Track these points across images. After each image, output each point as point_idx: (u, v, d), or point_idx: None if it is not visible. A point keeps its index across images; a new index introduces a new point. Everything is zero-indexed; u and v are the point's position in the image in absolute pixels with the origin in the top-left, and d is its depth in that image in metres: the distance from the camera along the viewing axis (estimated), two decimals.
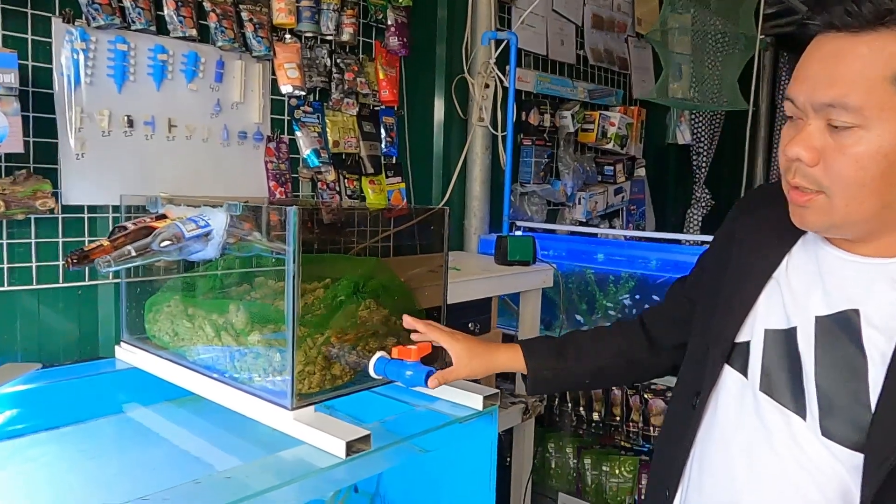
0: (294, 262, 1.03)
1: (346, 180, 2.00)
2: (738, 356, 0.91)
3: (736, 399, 0.90)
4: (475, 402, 1.23)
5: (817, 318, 0.83)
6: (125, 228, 1.17)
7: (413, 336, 1.17)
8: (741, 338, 0.92)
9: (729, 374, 0.92)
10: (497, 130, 2.41)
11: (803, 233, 0.89)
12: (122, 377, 1.45)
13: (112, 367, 1.48)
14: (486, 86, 2.34)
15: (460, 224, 2.48)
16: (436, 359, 1.21)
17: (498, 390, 1.26)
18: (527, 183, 2.65)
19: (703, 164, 3.88)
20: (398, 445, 1.09)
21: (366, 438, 1.02)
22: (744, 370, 0.91)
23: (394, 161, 2.15)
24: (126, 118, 1.52)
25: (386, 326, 1.24)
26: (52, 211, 1.37)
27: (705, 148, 3.85)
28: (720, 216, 1.13)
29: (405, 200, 2.21)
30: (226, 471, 0.94)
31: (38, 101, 1.39)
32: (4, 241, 1.38)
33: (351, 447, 1.00)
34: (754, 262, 0.93)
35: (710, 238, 1.11)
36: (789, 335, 0.86)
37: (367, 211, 2.08)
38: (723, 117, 3.92)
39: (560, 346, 1.17)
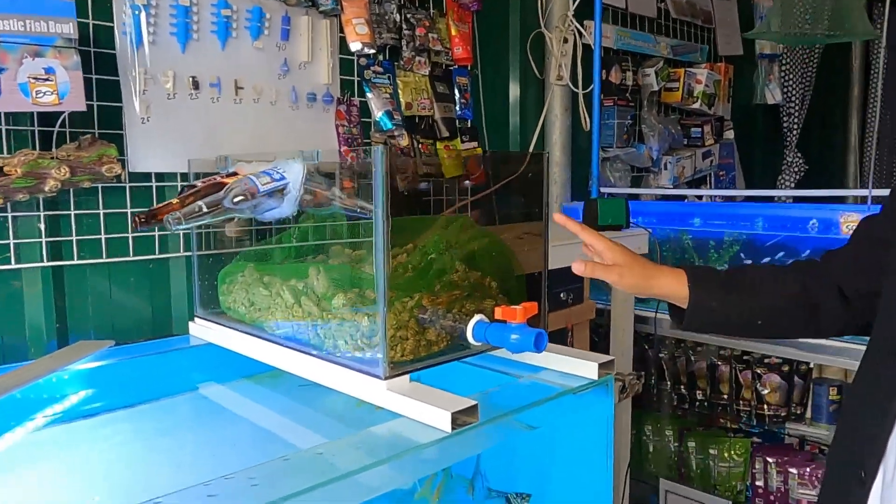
0: (382, 207, 0.90)
1: (419, 145, 1.87)
2: None
3: None
4: (588, 370, 1.07)
5: None
6: (195, 187, 1.07)
7: (570, 228, 1.05)
8: None
9: None
10: (578, 89, 2.23)
11: None
12: (197, 353, 1.36)
13: (186, 344, 1.40)
14: (565, 40, 2.17)
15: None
16: (541, 319, 1.07)
17: (613, 357, 1.10)
18: (609, 147, 2.46)
19: (795, 126, 3.57)
20: (504, 420, 0.95)
21: (472, 410, 0.88)
22: None
23: (469, 124, 2.01)
24: (191, 80, 1.42)
25: (483, 287, 1.10)
26: (118, 178, 1.29)
27: (796, 108, 3.54)
28: (813, 183, 0.95)
29: (482, 167, 2.06)
30: (315, 447, 0.82)
31: (100, 61, 1.31)
32: (72, 212, 1.31)
33: (457, 419, 0.86)
34: None
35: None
36: None
37: (442, 178, 1.95)
38: (815, 74, 3.60)
39: (730, 277, 1.00)
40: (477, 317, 1.03)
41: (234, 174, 1.11)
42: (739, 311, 0.97)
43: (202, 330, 1.37)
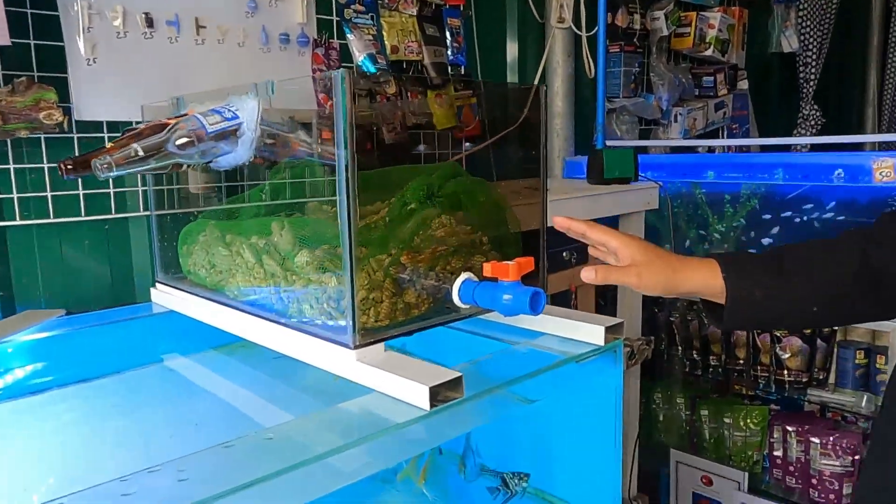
0: (345, 141, 0.75)
1: (408, 93, 1.71)
2: None
3: None
4: (594, 335, 0.93)
5: None
6: (135, 129, 0.92)
7: (574, 232, 0.90)
8: None
9: None
10: (581, 32, 2.05)
11: None
12: (159, 322, 1.23)
13: (148, 312, 1.26)
14: None
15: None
16: (539, 277, 0.92)
17: (622, 320, 0.96)
18: (615, 97, 2.29)
19: (812, 77, 3.38)
20: (496, 393, 0.81)
21: (456, 383, 0.74)
22: None
23: (462, 71, 1.84)
24: (144, 16, 1.26)
25: (472, 242, 0.96)
26: (61, 126, 1.14)
27: (814, 57, 3.34)
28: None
29: (477, 118, 1.90)
30: (265, 431, 0.69)
31: None
32: (11, 166, 1.16)
33: (436, 394, 0.72)
34: None
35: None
36: None
37: (433, 130, 1.79)
38: (833, 21, 3.39)
39: (773, 259, 0.82)
40: (464, 275, 0.89)
41: (185, 115, 0.96)
42: (790, 300, 0.80)
43: (164, 297, 1.23)
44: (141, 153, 0.84)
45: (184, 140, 0.87)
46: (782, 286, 0.79)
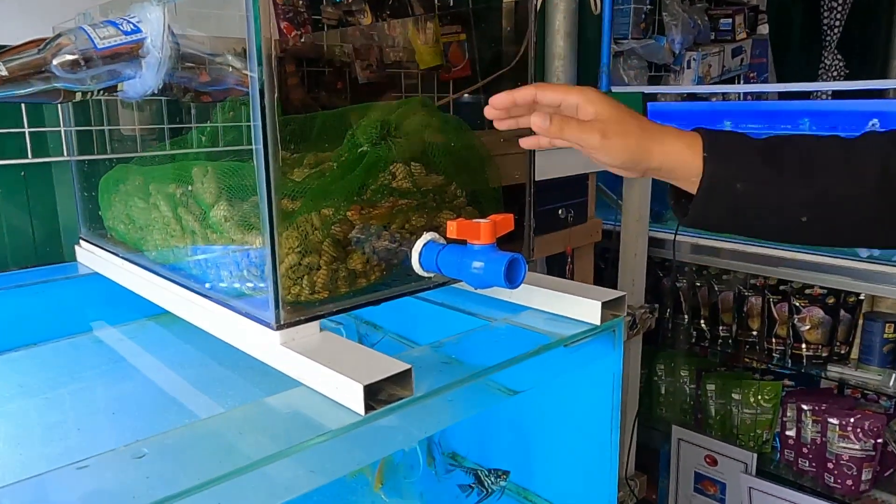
0: (258, 60, 0.56)
1: (387, 26, 1.49)
2: None
3: None
4: (589, 312, 0.75)
5: None
6: (9, 47, 0.72)
7: (521, 106, 0.70)
8: None
9: None
10: None
11: None
12: (82, 286, 1.06)
13: (74, 273, 1.09)
14: None
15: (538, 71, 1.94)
16: (522, 239, 0.74)
17: (624, 293, 0.78)
18: (623, 39, 2.06)
19: (837, 24, 3.12)
20: (466, 386, 0.64)
21: (403, 377, 0.57)
22: None
23: (451, 2, 1.62)
24: None
25: (442, 195, 0.77)
26: None
27: (840, 1, 3.08)
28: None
29: (467, 57, 1.68)
30: (140, 443, 0.51)
31: None
32: None
33: (375, 393, 0.55)
34: None
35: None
36: None
37: (416, 69, 1.58)
38: None
39: (770, 147, 0.64)
40: (427, 236, 0.71)
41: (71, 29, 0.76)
42: (777, 199, 0.63)
43: (88, 256, 1.06)
44: (4, 73, 0.65)
45: (67, 58, 0.68)
46: (772, 180, 0.62)
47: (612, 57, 2.06)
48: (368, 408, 0.54)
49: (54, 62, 0.67)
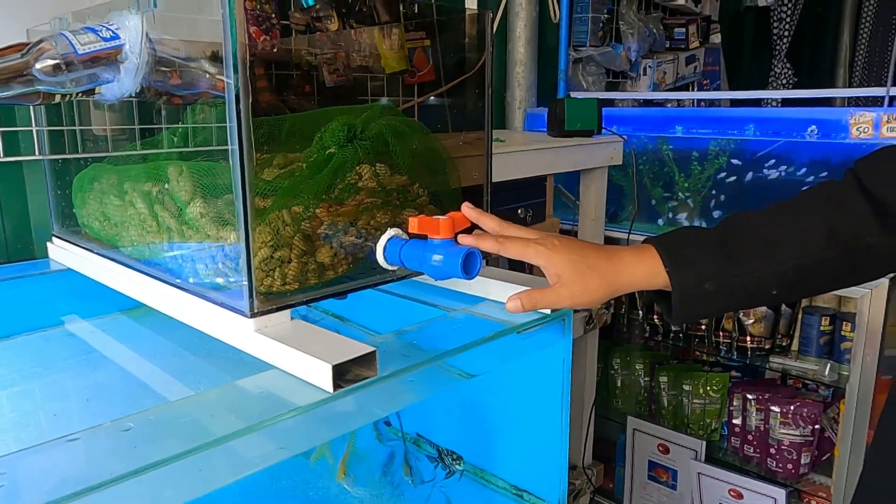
0: (234, 64, 0.61)
1: (352, 31, 1.54)
2: None
3: None
4: None
5: None
6: None
7: (484, 246, 0.74)
8: None
9: None
10: None
11: None
12: (57, 281, 1.08)
13: (46, 269, 1.11)
14: None
15: (501, 97, 2.01)
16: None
17: None
18: (582, 46, 2.15)
19: (786, 33, 3.27)
20: (426, 368, 0.69)
21: (368, 359, 0.62)
22: None
23: (416, 9, 1.67)
24: None
25: (405, 195, 0.82)
26: None
27: (788, 12, 3.23)
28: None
29: (431, 62, 1.74)
30: (125, 418, 0.56)
31: None
32: None
33: (343, 373, 0.60)
34: None
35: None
36: None
37: (381, 73, 1.64)
38: None
39: (723, 238, 0.69)
40: (391, 232, 0.77)
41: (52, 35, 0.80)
42: (747, 286, 0.68)
43: (60, 253, 1.08)
44: None
45: (48, 63, 0.72)
46: (735, 273, 0.67)
47: (570, 63, 2.14)
48: (336, 386, 0.59)
49: (37, 66, 0.71)
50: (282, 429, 0.58)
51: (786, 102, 2.83)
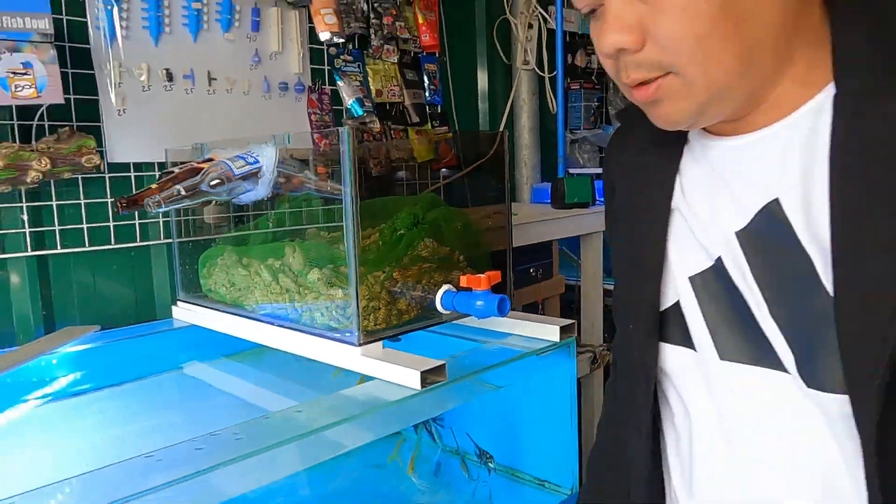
0: (350, 184, 0.96)
1: (391, 131, 1.93)
2: (672, 326, 0.70)
3: (693, 382, 0.69)
4: (551, 333, 1.15)
5: (737, 233, 0.63)
6: (172, 173, 1.12)
7: None
8: (667, 302, 0.70)
9: (671, 354, 0.71)
10: (544, 72, 2.30)
11: (685, 141, 0.70)
12: (180, 335, 1.42)
13: (169, 327, 1.45)
14: (530, 26, 2.23)
15: (511, 175, 2.38)
16: (505, 287, 1.14)
17: (573, 321, 1.18)
18: (577, 129, 2.53)
19: None
20: (471, 379, 1.02)
21: (440, 369, 0.95)
22: (687, 341, 0.69)
23: (439, 110, 2.07)
24: (165, 72, 1.47)
25: (451, 260, 1.17)
26: (98, 168, 1.33)
27: None
28: None
29: (454, 151, 2.12)
30: (293, 407, 0.88)
31: (75, 56, 1.35)
32: (54, 203, 1.35)
33: (426, 378, 0.93)
34: (644, 202, 0.72)
35: None
36: (718, 272, 0.65)
37: (414, 162, 2.01)
38: None
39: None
40: (445, 287, 1.10)
41: (210, 160, 1.17)
42: None
43: (185, 312, 1.42)
44: (183, 192, 1.05)
45: (216, 181, 1.08)
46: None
47: (568, 144, 2.53)
48: (423, 385, 0.92)
49: (210, 183, 1.07)
50: (387, 413, 0.90)
51: None
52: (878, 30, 0.56)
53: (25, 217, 1.32)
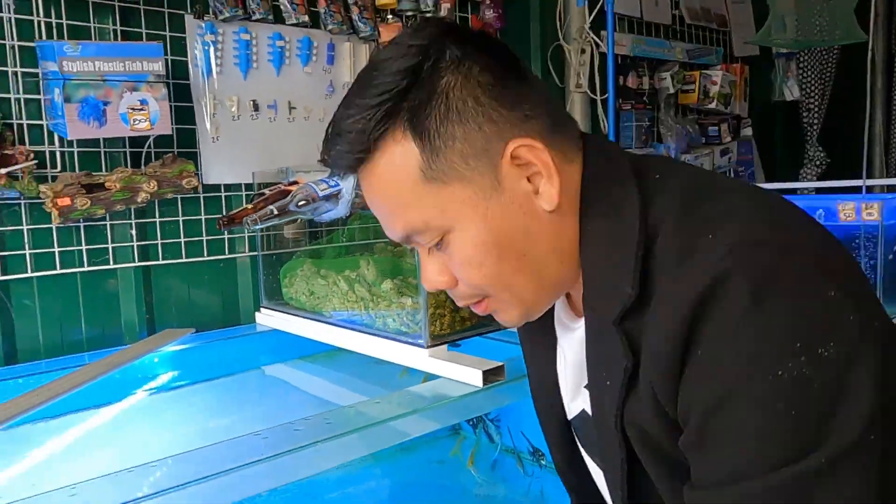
0: None
1: None
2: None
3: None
4: None
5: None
6: (263, 194, 1.28)
7: None
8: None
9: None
10: (596, 95, 2.40)
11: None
12: (263, 338, 1.58)
13: (253, 331, 1.62)
14: (583, 51, 2.35)
15: None
16: None
17: None
18: (629, 148, 2.62)
19: (815, 121, 3.67)
20: (521, 381, 1.13)
21: (500, 369, 1.07)
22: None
23: None
24: (252, 103, 1.64)
25: None
26: (195, 190, 1.52)
27: (816, 103, 3.64)
28: (836, 175, 1.02)
29: None
30: (363, 402, 1.02)
31: (177, 91, 1.54)
32: (157, 220, 1.54)
33: (487, 377, 1.05)
34: (540, 372, 0.82)
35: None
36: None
37: None
38: (834, 69, 3.70)
39: None
40: None
41: (296, 183, 1.33)
42: None
43: (268, 318, 1.58)
44: (275, 212, 1.20)
45: (303, 202, 1.23)
46: None
47: None
48: (485, 383, 1.04)
49: (298, 204, 1.23)
50: (451, 407, 1.03)
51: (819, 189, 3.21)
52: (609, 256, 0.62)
53: (134, 232, 1.51)
